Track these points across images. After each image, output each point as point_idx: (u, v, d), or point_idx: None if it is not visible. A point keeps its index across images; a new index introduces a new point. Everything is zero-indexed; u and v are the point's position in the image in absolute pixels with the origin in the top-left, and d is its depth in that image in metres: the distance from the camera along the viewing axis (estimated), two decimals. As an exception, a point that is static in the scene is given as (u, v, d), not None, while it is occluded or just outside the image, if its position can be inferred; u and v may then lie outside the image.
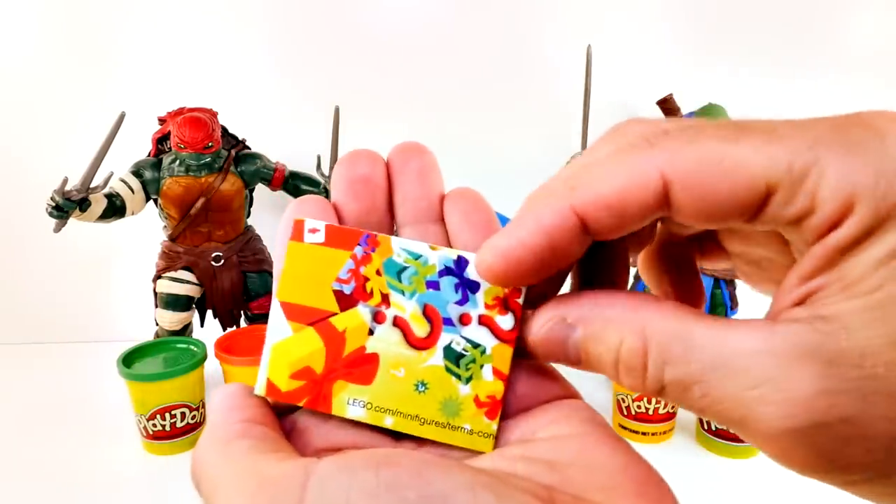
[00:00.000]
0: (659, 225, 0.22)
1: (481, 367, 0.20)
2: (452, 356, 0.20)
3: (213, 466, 0.18)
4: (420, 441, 0.21)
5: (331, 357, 0.20)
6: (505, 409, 0.21)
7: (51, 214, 0.66)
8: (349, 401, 0.20)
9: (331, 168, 0.77)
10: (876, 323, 0.14)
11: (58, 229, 0.68)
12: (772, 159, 0.15)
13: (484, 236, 0.23)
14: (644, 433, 0.66)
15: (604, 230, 0.17)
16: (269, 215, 0.83)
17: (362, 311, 0.20)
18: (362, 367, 0.20)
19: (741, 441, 0.63)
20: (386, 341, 0.20)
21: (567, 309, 0.18)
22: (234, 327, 0.78)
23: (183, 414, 0.64)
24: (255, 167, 0.76)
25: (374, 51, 0.84)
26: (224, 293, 0.76)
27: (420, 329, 0.20)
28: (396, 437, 0.21)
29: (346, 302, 0.20)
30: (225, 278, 0.75)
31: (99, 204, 0.68)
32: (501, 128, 0.88)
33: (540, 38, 0.85)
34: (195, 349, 0.68)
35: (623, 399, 0.66)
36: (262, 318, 0.76)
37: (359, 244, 0.21)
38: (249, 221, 0.79)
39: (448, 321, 0.20)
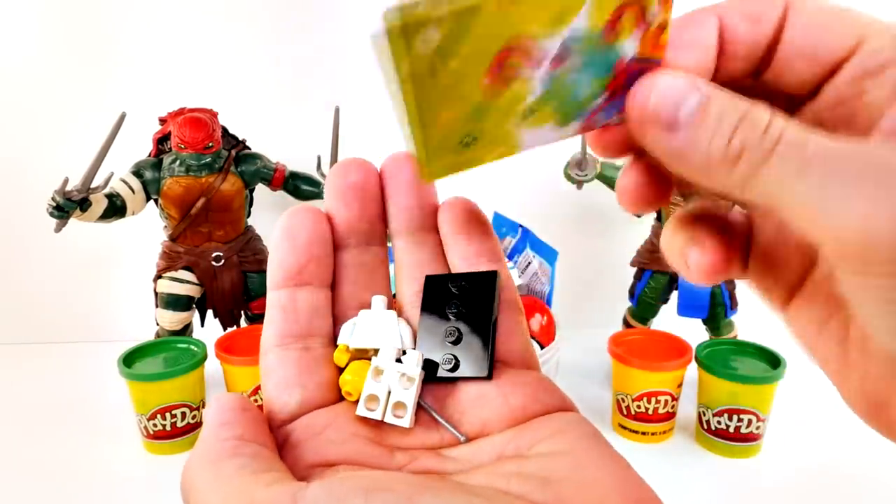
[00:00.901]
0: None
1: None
2: None
3: (203, 485, 0.17)
4: (415, 453, 0.20)
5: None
6: (501, 420, 0.20)
7: (51, 214, 0.66)
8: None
9: (331, 168, 0.77)
10: None
11: (58, 229, 0.68)
12: (870, 18, 0.17)
13: (479, 243, 0.23)
14: (644, 433, 0.66)
15: (739, 46, 0.18)
16: (269, 215, 0.83)
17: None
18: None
19: (741, 441, 0.63)
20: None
21: (696, 78, 0.17)
22: (235, 327, 0.78)
23: (183, 414, 0.64)
24: (256, 167, 0.76)
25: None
26: (224, 293, 0.76)
27: None
28: (391, 449, 0.20)
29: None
30: (225, 278, 0.75)
31: (99, 204, 0.69)
32: (501, 128, 0.88)
33: (540, 39, 0.85)
34: (195, 349, 0.68)
35: (623, 399, 0.66)
36: (262, 318, 0.76)
37: None
38: (249, 221, 0.79)
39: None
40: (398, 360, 0.22)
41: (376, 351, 0.22)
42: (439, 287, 0.23)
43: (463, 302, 0.22)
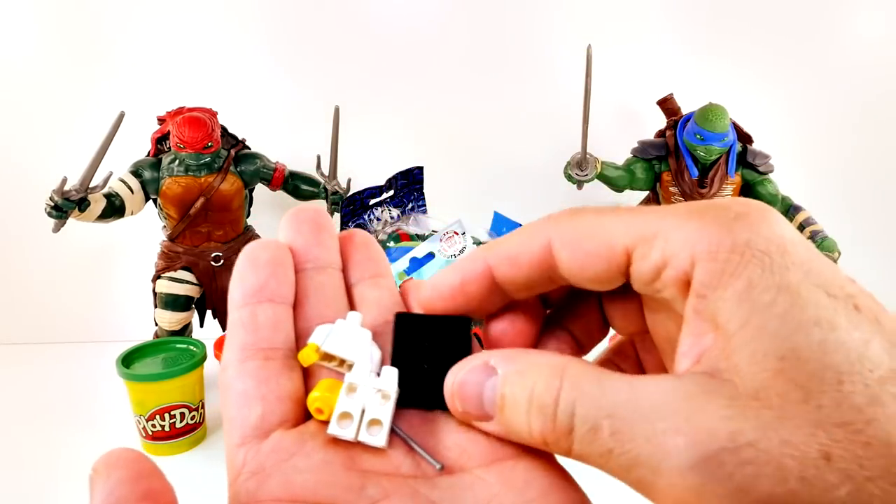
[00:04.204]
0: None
1: None
2: None
3: None
4: (388, 487, 0.19)
5: None
6: (480, 448, 0.20)
7: (50, 214, 0.66)
8: None
9: (331, 168, 0.77)
10: (757, 358, 0.15)
11: (57, 229, 0.68)
12: (629, 227, 0.18)
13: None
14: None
15: (507, 279, 0.21)
16: (269, 215, 0.83)
17: None
18: None
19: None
20: None
21: (492, 354, 0.20)
22: (234, 327, 0.78)
23: (182, 414, 0.64)
24: (255, 167, 0.75)
25: (374, 51, 0.84)
26: (224, 293, 0.76)
27: None
28: (364, 476, 0.19)
29: None
30: (224, 278, 0.75)
31: (98, 204, 0.68)
32: (501, 128, 0.88)
33: (540, 38, 0.85)
34: (195, 349, 0.68)
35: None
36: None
37: None
38: (249, 221, 0.79)
39: None
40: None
41: (342, 362, 0.22)
42: (411, 324, 0.23)
43: (438, 339, 0.22)
